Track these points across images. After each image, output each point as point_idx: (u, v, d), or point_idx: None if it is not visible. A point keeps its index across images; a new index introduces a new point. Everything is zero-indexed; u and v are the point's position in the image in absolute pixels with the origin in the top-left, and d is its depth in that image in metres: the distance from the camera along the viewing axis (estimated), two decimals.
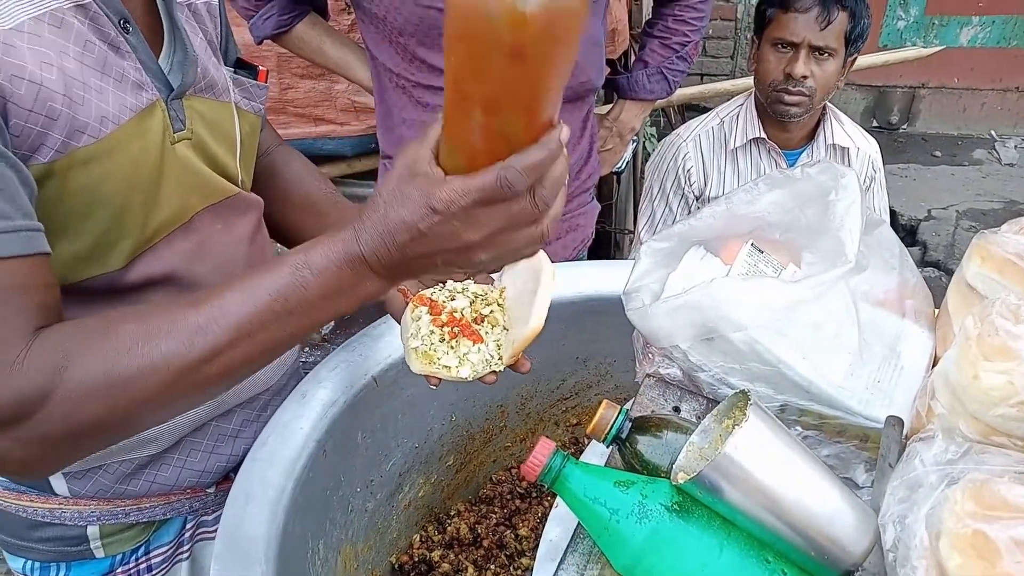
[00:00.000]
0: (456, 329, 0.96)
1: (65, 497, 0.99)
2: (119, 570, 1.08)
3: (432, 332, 0.96)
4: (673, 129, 3.04)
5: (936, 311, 1.09)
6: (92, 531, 1.03)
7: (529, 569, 1.34)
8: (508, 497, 1.48)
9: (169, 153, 0.86)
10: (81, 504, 1.00)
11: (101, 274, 0.84)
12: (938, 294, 1.09)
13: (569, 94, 1.62)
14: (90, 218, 0.80)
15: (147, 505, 1.04)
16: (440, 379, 0.97)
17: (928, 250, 4.07)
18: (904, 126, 5.21)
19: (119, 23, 0.80)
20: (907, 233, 4.21)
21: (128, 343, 0.68)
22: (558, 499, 0.86)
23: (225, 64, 1.01)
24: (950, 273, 3.84)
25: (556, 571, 0.84)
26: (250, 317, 0.70)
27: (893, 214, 4.09)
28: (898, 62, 3.19)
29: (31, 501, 0.99)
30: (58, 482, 0.98)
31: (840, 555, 0.75)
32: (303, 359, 1.18)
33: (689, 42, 1.92)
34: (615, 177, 2.70)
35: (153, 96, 0.84)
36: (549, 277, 0.96)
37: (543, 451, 0.80)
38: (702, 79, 4.75)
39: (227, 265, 0.95)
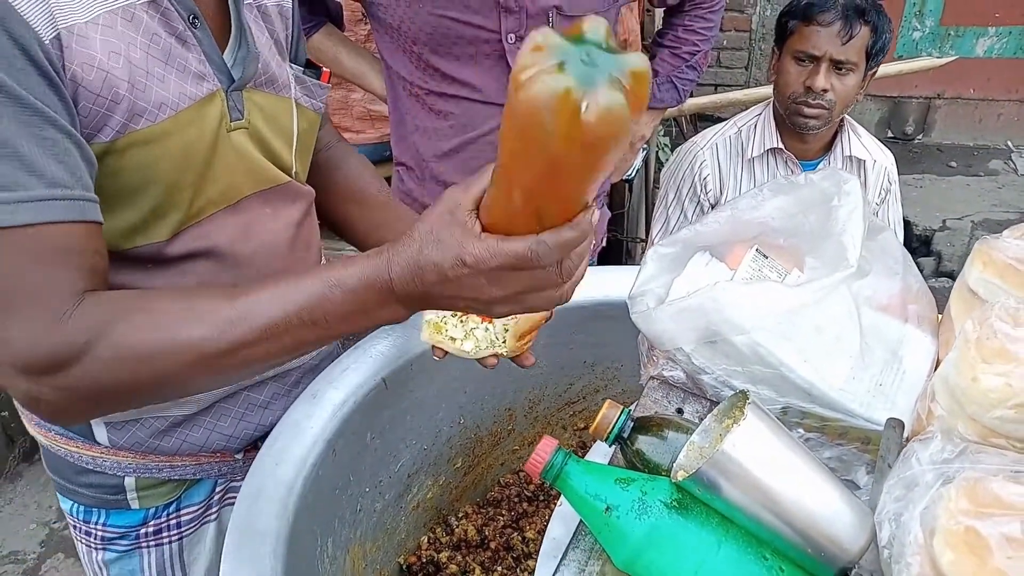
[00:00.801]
0: None
1: (106, 447, 1.06)
2: (151, 523, 1.16)
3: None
4: (686, 139, 3.05)
5: (940, 316, 1.10)
6: (129, 482, 1.11)
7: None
8: (516, 500, 1.49)
9: (224, 139, 0.93)
10: (119, 455, 1.08)
11: (147, 244, 0.91)
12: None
13: None
14: (143, 193, 0.87)
15: (178, 463, 1.12)
16: (444, 352, 1.04)
17: (943, 260, 4.06)
18: (919, 136, 5.19)
19: (188, 18, 0.88)
20: (922, 243, 4.20)
21: (164, 321, 0.76)
22: (562, 498, 0.88)
23: (295, 64, 1.08)
24: None
25: (558, 567, 0.86)
26: (278, 320, 0.76)
27: (908, 224, 4.08)
28: (913, 72, 3.19)
29: (77, 447, 1.07)
30: (99, 431, 1.05)
31: (837, 552, 0.76)
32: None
33: (699, 51, 1.94)
34: (627, 185, 2.72)
35: (214, 86, 0.91)
36: None
37: (545, 448, 0.81)
38: (716, 89, 4.76)
39: (271, 247, 1.02)
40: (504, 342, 1.03)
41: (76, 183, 0.75)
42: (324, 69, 1.11)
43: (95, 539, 1.15)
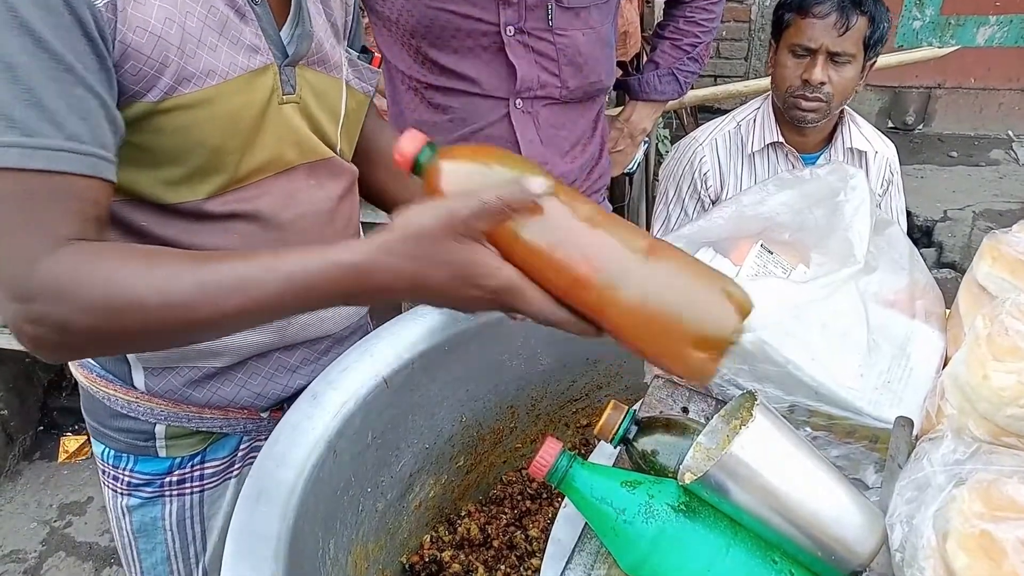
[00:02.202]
0: None
1: (141, 392, 1.11)
2: (176, 472, 1.20)
3: None
4: (686, 131, 3.04)
5: (947, 311, 1.09)
6: (159, 430, 1.15)
7: (539, 570, 1.34)
8: (518, 498, 1.48)
9: (275, 111, 0.98)
10: (153, 401, 1.12)
11: (192, 200, 0.95)
12: (954, 295, 1.08)
13: (579, 94, 1.63)
14: (188, 152, 0.92)
15: (207, 415, 1.16)
16: None
17: (944, 251, 4.04)
18: (920, 127, 5.17)
19: None
20: (923, 234, 4.18)
21: (138, 272, 0.76)
22: (567, 499, 0.86)
23: (351, 49, 1.13)
24: None
25: (563, 571, 0.84)
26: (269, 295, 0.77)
27: (909, 215, 4.06)
28: (913, 62, 3.17)
29: (115, 390, 1.12)
30: (137, 375, 1.10)
31: (847, 555, 0.75)
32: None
33: (700, 43, 1.92)
34: (627, 179, 2.70)
35: (267, 60, 0.95)
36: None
37: (550, 451, 0.80)
38: (715, 81, 4.75)
39: (312, 216, 1.07)
40: None
41: (94, 141, 0.78)
42: (376, 54, 1.16)
43: (122, 484, 1.20)
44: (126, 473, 1.19)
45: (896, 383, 1.01)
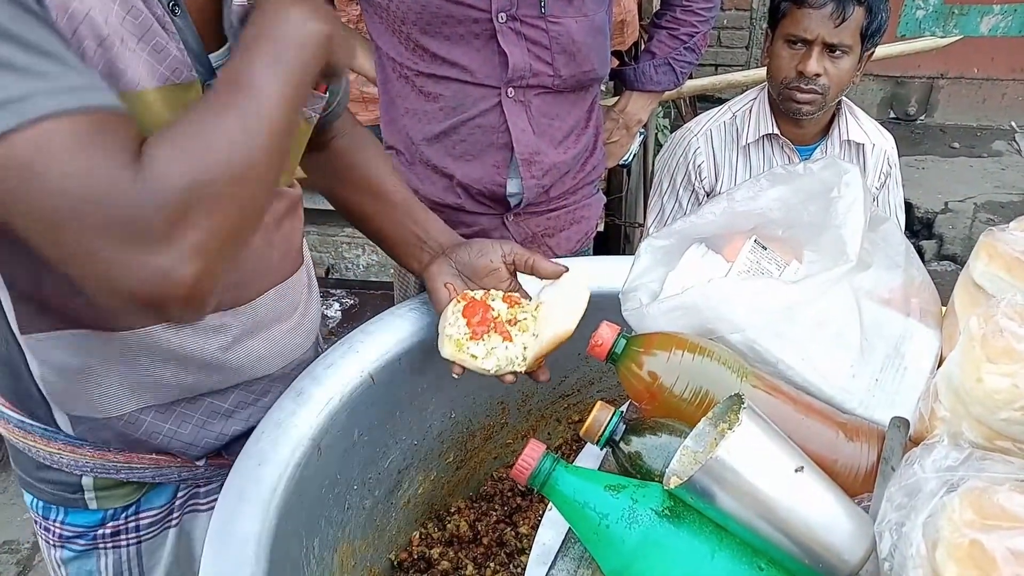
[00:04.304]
0: (491, 326, 1.09)
1: (63, 442, 1.04)
2: (109, 524, 1.13)
3: (464, 321, 1.09)
4: (685, 121, 3.00)
5: (943, 309, 1.07)
6: (87, 482, 1.09)
7: None
8: (509, 495, 1.47)
9: None
10: (77, 453, 1.05)
11: None
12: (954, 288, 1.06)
13: (572, 83, 1.60)
14: None
15: (137, 465, 1.09)
16: (464, 369, 1.08)
17: (944, 243, 4.02)
18: (922, 117, 5.13)
19: (167, 4, 0.85)
20: (923, 226, 4.16)
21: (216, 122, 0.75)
22: None
23: None
24: None
25: (547, 575, 0.83)
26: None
27: (909, 207, 4.03)
28: (916, 52, 3.13)
29: (35, 442, 1.05)
30: (63, 419, 1.03)
31: (835, 563, 0.73)
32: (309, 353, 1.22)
33: (697, 33, 1.89)
34: (624, 170, 2.68)
35: (192, 77, 0.88)
36: (584, 293, 1.11)
37: (532, 454, 0.78)
38: (716, 70, 4.71)
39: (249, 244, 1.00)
40: (524, 360, 1.08)
41: (107, 88, 0.75)
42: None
43: (53, 536, 1.13)
44: (57, 525, 1.12)
45: (888, 383, 0.99)
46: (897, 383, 0.98)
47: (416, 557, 1.36)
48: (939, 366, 0.97)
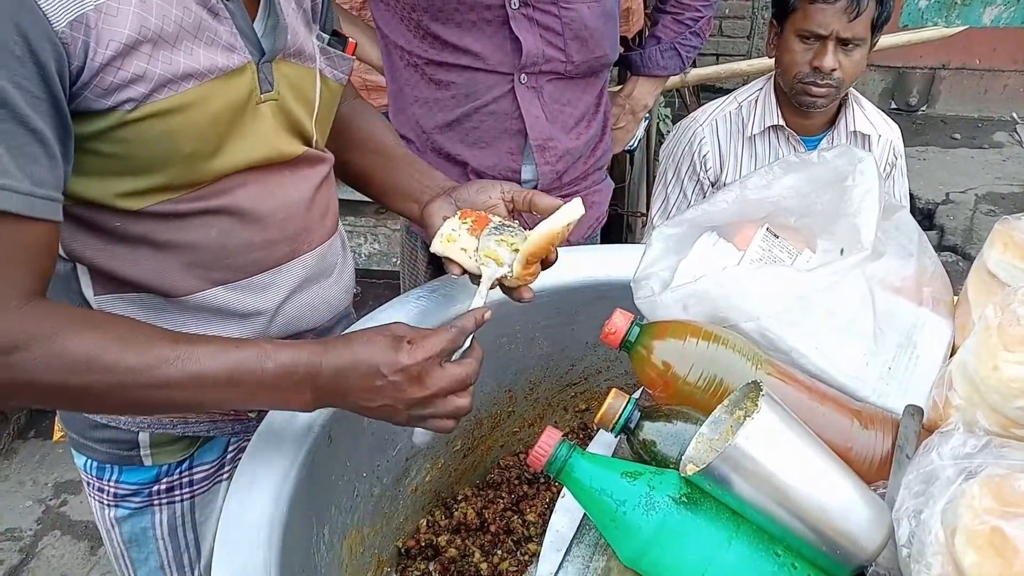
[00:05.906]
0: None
1: None
2: (164, 480, 1.16)
3: (463, 224, 1.07)
4: (688, 110, 2.99)
5: (955, 298, 1.07)
6: (143, 438, 1.12)
7: (536, 555, 1.32)
8: (516, 482, 1.46)
9: (252, 111, 0.95)
10: None
11: (167, 200, 0.93)
12: (955, 279, 1.07)
13: (584, 69, 1.60)
14: (163, 159, 0.89)
15: (192, 419, 1.12)
16: (463, 269, 1.05)
17: (945, 234, 4.02)
18: (923, 108, 5.13)
19: None
20: (924, 217, 4.16)
21: (102, 340, 0.80)
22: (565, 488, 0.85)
23: (323, 31, 1.09)
24: (967, 258, 3.79)
25: (562, 562, 0.83)
26: (206, 373, 0.83)
27: (910, 197, 4.02)
28: (919, 42, 3.12)
29: None
30: None
31: (853, 550, 0.74)
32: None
33: (702, 17, 1.88)
34: (628, 157, 2.67)
35: (244, 58, 0.93)
36: (579, 212, 1.02)
37: (549, 440, 0.78)
38: (718, 59, 4.69)
39: (290, 206, 1.04)
40: (513, 260, 1.02)
41: (53, 183, 0.79)
42: (350, 40, 1.11)
43: (108, 496, 1.15)
44: (111, 484, 1.15)
45: (901, 371, 0.99)
46: (910, 371, 0.98)
47: (423, 544, 1.36)
48: (952, 355, 0.97)
